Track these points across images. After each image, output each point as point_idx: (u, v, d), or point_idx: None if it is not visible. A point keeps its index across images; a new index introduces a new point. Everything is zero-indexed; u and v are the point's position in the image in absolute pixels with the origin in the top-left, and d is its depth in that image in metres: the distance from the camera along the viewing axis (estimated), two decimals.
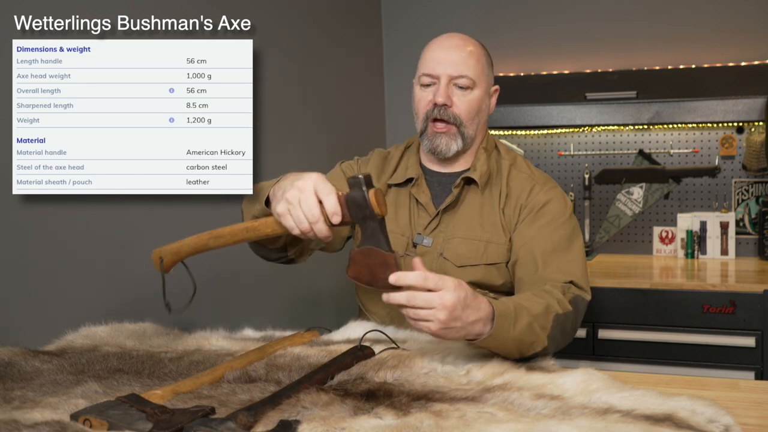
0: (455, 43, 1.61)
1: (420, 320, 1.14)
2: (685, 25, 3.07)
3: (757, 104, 2.72)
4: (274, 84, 2.60)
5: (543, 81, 3.14)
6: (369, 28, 3.37)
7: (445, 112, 1.59)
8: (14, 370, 1.24)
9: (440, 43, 1.63)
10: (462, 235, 1.61)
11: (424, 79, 1.61)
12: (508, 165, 1.68)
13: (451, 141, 1.61)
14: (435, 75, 1.60)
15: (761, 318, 2.46)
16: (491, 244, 1.60)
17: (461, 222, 1.62)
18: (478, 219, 1.62)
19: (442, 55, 1.60)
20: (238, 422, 0.96)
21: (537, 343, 1.30)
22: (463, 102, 1.60)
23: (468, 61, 1.60)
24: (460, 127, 1.61)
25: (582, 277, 1.50)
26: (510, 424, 0.97)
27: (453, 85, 1.59)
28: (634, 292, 2.59)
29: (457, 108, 1.60)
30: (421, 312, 1.13)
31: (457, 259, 1.60)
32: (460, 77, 1.59)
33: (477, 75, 1.61)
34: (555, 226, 1.57)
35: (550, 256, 1.52)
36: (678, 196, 3.13)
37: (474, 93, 1.61)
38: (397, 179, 1.70)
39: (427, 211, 1.64)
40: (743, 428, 0.99)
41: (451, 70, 1.59)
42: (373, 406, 1.04)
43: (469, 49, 1.61)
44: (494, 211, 1.62)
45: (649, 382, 1.24)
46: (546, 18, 3.25)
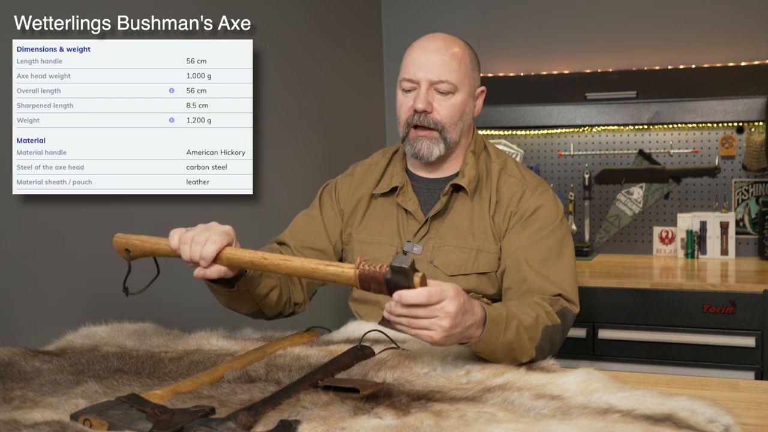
0: (437, 46, 1.55)
1: (421, 329, 1.13)
2: (685, 25, 3.07)
3: (757, 104, 2.72)
4: (274, 84, 2.60)
5: (543, 81, 3.14)
6: (369, 28, 3.37)
7: (425, 118, 1.54)
8: (14, 370, 1.24)
9: (422, 45, 1.57)
10: (452, 243, 1.57)
11: (405, 84, 1.56)
12: (498, 169, 1.62)
13: (432, 145, 1.56)
14: (415, 80, 1.54)
15: (761, 318, 2.46)
16: (482, 252, 1.56)
17: (451, 229, 1.58)
18: (468, 226, 1.58)
19: (423, 58, 1.54)
20: (238, 422, 0.96)
21: (524, 353, 1.29)
22: (444, 107, 1.54)
23: (450, 64, 1.54)
24: (443, 132, 1.55)
25: (571, 290, 1.48)
26: (510, 424, 0.97)
27: (434, 90, 1.54)
28: (634, 292, 2.59)
29: (438, 114, 1.54)
30: (423, 322, 1.12)
31: (447, 268, 1.57)
32: (440, 82, 1.53)
33: (459, 79, 1.55)
34: (545, 234, 1.53)
35: (540, 266, 1.48)
36: (678, 196, 3.13)
37: (456, 97, 1.55)
38: (382, 189, 1.65)
39: (416, 219, 1.60)
40: (743, 428, 0.99)
41: (432, 74, 1.53)
42: (373, 406, 1.04)
43: (451, 52, 1.55)
44: (484, 218, 1.58)
45: (649, 382, 1.24)
46: (546, 18, 3.25)
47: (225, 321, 1.62)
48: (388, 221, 1.63)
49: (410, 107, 1.55)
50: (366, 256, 1.57)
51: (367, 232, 1.64)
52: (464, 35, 3.62)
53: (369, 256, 1.57)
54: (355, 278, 1.16)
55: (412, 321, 1.12)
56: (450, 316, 1.11)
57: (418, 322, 1.12)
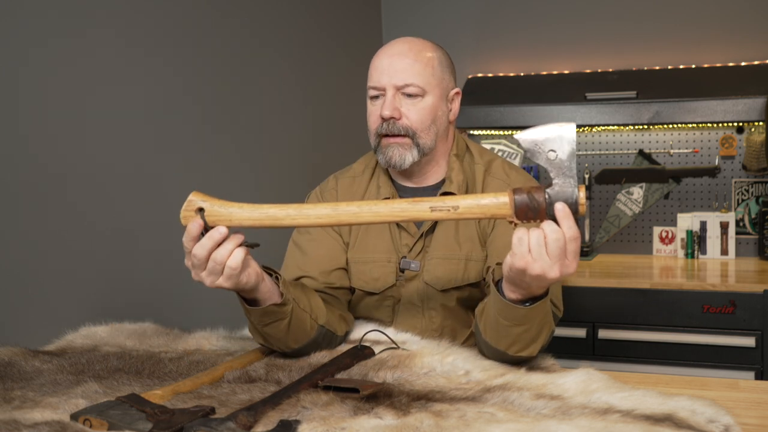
0: (399, 50, 1.48)
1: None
2: (685, 25, 3.07)
3: (757, 104, 2.72)
4: (274, 84, 2.60)
5: (543, 81, 3.14)
6: (369, 28, 3.37)
7: (394, 125, 1.46)
8: (14, 370, 1.24)
9: (385, 51, 1.50)
10: (440, 255, 1.50)
11: (371, 92, 1.50)
12: (483, 171, 1.56)
13: (405, 152, 1.48)
14: (380, 86, 1.48)
15: (761, 318, 2.46)
16: (470, 261, 1.50)
17: (438, 241, 1.51)
18: (454, 235, 1.51)
19: (386, 63, 1.47)
20: (238, 422, 0.96)
21: (535, 345, 1.26)
22: (413, 112, 1.47)
23: (414, 67, 1.46)
24: (414, 138, 1.47)
25: (556, 294, 1.41)
26: (510, 424, 0.97)
27: (401, 94, 1.47)
28: (634, 292, 2.59)
29: (408, 119, 1.47)
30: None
31: (437, 283, 1.50)
32: (406, 86, 1.46)
33: (426, 81, 1.47)
34: None
35: None
36: (678, 196, 3.13)
37: (426, 101, 1.48)
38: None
39: (409, 232, 1.53)
40: (743, 428, 0.99)
41: (396, 79, 1.46)
42: (373, 406, 1.04)
43: (416, 55, 1.48)
44: (470, 224, 1.51)
45: (649, 382, 1.24)
46: (546, 18, 3.25)
47: (225, 321, 1.62)
48: (382, 236, 1.54)
49: (378, 116, 1.48)
50: (365, 276, 1.53)
51: (363, 251, 1.55)
52: (464, 35, 3.62)
53: (368, 277, 1.53)
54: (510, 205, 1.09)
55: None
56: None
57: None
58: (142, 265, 1.92)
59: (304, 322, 1.31)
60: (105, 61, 1.85)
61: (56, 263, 1.70)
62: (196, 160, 2.20)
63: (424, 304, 1.51)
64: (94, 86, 1.82)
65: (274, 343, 1.31)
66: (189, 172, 2.16)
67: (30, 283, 1.64)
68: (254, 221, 1.13)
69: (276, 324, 1.27)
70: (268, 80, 2.57)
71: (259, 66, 2.52)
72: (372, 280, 1.53)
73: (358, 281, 1.54)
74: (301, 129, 2.79)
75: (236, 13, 2.39)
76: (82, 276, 1.77)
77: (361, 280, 1.54)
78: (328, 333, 1.36)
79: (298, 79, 2.76)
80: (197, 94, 2.21)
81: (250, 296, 1.24)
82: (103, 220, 1.84)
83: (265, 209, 1.13)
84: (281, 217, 1.12)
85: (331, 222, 1.13)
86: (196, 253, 1.13)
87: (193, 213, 1.13)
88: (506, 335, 1.23)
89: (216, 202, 1.14)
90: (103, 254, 1.84)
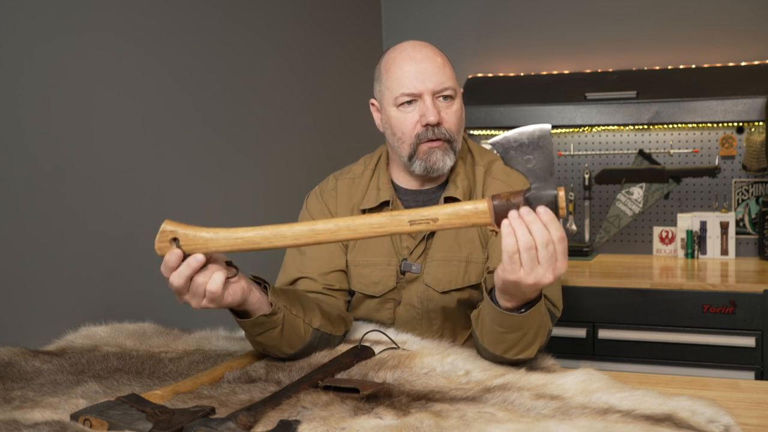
0: (425, 54, 1.46)
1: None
2: (685, 25, 3.07)
3: (757, 104, 2.72)
4: (274, 84, 2.60)
5: (543, 81, 3.14)
6: (369, 28, 3.37)
7: (439, 130, 1.44)
8: (14, 370, 1.24)
9: (410, 56, 1.46)
10: (440, 257, 1.50)
11: (402, 98, 1.45)
12: (483, 172, 1.54)
13: (445, 156, 1.46)
14: (416, 93, 1.44)
15: (761, 318, 2.46)
16: (471, 263, 1.49)
17: (438, 243, 1.50)
18: (454, 237, 1.50)
19: (417, 69, 1.44)
20: (238, 422, 0.96)
21: (533, 348, 1.26)
22: (449, 115, 1.46)
23: (445, 70, 1.46)
24: (452, 142, 1.47)
25: (556, 294, 1.41)
26: (510, 424, 0.97)
27: (436, 98, 1.45)
28: (634, 292, 2.59)
29: (447, 123, 1.46)
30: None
31: (438, 284, 1.49)
32: (444, 89, 1.45)
33: (455, 83, 1.48)
34: None
35: None
36: (678, 196, 3.13)
37: (456, 103, 1.48)
38: (369, 203, 1.54)
39: (410, 235, 1.50)
40: (743, 428, 0.99)
41: (433, 83, 1.44)
42: (373, 406, 1.04)
43: (440, 58, 1.47)
44: None
45: (649, 382, 1.24)
46: (546, 18, 3.25)
47: (225, 321, 1.62)
48: (383, 239, 1.52)
49: (416, 122, 1.45)
50: (365, 280, 1.52)
51: (362, 254, 1.54)
52: (464, 35, 3.62)
53: (368, 280, 1.52)
54: (489, 211, 1.08)
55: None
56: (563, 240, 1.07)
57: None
58: (142, 265, 1.91)
59: (298, 327, 1.30)
60: (105, 62, 1.85)
61: (56, 263, 1.70)
62: (196, 159, 2.20)
63: (424, 306, 1.51)
64: (94, 86, 1.82)
65: (270, 350, 1.31)
66: (189, 172, 2.16)
67: (30, 283, 1.64)
68: (231, 246, 1.12)
69: (268, 333, 1.26)
70: (268, 80, 2.57)
71: (259, 66, 2.52)
72: (372, 284, 1.53)
73: (358, 284, 1.54)
74: (302, 129, 2.79)
75: (236, 13, 2.39)
76: (82, 276, 1.77)
77: (361, 284, 1.53)
78: (324, 335, 1.36)
79: (299, 79, 2.76)
80: (197, 95, 2.21)
81: (240, 309, 1.24)
82: (103, 220, 1.84)
83: (240, 233, 1.12)
84: (258, 240, 1.12)
85: (309, 242, 1.12)
86: (173, 282, 1.13)
87: (168, 243, 1.12)
88: (503, 341, 1.23)
89: (190, 229, 1.12)
90: (103, 254, 1.84)
